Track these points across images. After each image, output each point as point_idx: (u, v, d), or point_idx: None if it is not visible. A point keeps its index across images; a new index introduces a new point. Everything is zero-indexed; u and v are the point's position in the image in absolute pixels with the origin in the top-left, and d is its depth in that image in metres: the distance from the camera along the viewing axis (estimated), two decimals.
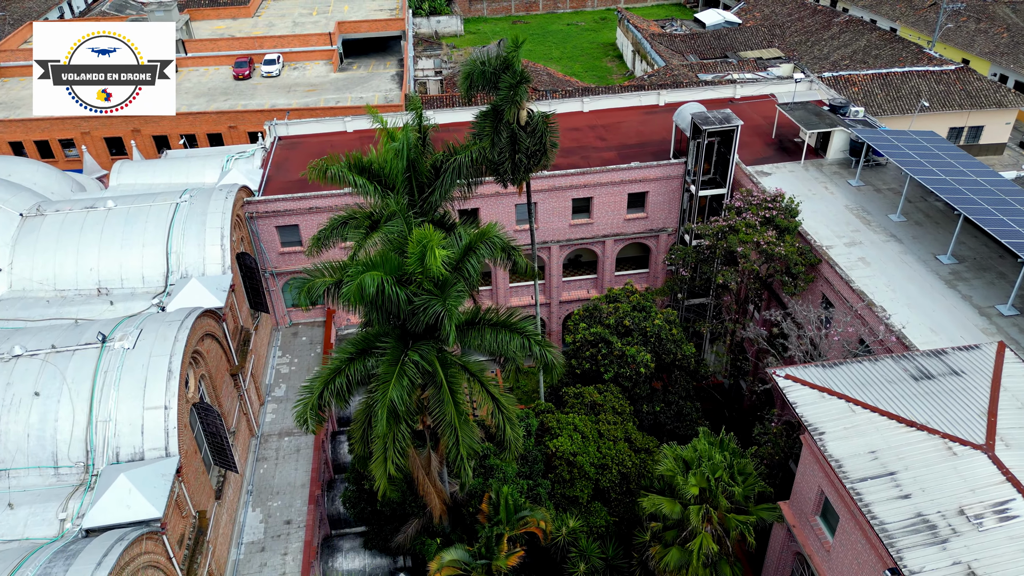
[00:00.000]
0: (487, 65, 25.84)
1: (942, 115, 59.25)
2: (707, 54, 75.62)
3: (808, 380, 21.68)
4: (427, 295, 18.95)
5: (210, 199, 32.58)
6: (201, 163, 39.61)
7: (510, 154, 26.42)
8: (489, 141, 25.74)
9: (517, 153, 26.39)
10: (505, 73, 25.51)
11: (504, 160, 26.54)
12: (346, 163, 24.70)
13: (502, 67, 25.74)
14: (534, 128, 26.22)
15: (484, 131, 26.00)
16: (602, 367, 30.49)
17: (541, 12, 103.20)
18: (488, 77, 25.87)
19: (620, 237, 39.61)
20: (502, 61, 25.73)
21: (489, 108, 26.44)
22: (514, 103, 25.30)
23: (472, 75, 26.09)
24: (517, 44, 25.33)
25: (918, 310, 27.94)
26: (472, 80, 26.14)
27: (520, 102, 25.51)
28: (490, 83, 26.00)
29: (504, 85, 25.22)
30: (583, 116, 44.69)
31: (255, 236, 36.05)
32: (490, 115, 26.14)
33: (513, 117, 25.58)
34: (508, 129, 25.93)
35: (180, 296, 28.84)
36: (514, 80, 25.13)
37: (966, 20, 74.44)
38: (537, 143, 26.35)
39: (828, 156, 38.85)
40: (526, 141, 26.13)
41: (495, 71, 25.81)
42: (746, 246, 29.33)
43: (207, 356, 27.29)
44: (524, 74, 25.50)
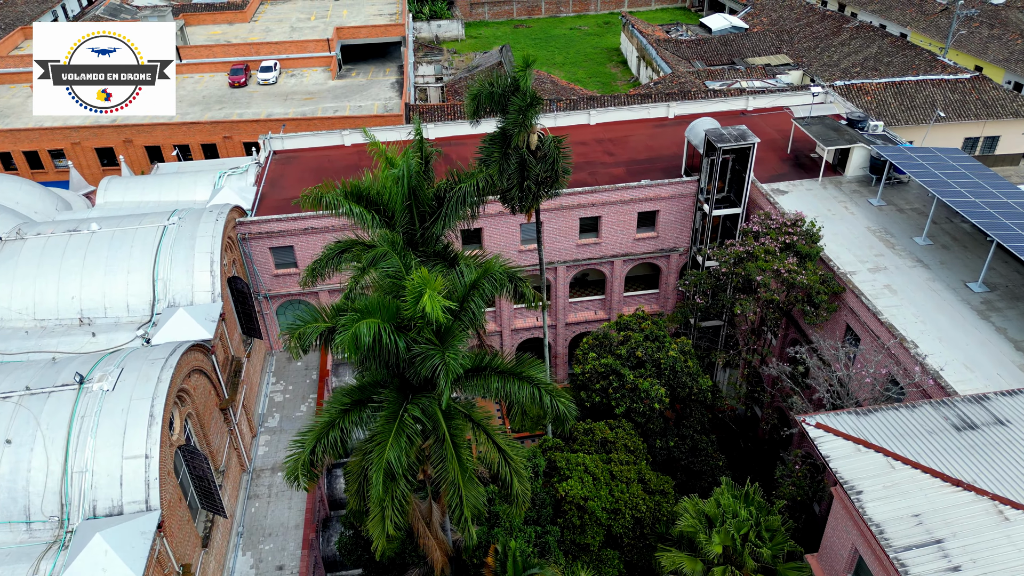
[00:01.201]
0: (495, 86, 24.15)
1: (957, 125, 57.61)
2: (714, 60, 74.00)
3: (841, 430, 20.02)
4: (426, 345, 17.30)
5: (199, 221, 30.94)
6: (192, 179, 37.95)
7: (519, 181, 24.74)
8: (497, 168, 24.06)
9: (527, 180, 24.71)
10: (515, 95, 23.82)
11: (513, 187, 24.87)
12: (342, 190, 23.06)
13: (511, 88, 24.05)
14: (545, 153, 24.53)
15: (492, 157, 24.32)
16: (613, 400, 28.85)
17: (543, 16, 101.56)
18: (496, 99, 24.18)
19: (629, 257, 37.95)
20: (511, 81, 24.04)
21: (497, 132, 24.75)
22: (524, 127, 23.61)
23: (479, 96, 24.41)
24: (527, 63, 23.61)
25: (950, 344, 26.28)
26: (479, 102, 24.45)
27: (531, 126, 23.82)
28: (498, 105, 24.32)
29: (513, 108, 23.53)
30: (590, 129, 43.05)
31: (248, 258, 34.39)
32: (498, 140, 24.44)
33: (523, 142, 23.90)
34: (517, 154, 24.25)
35: (166, 328, 27.19)
36: (524, 103, 23.44)
37: (979, 26, 72.79)
38: (548, 169, 24.66)
39: (847, 173, 37.19)
40: (536, 167, 24.46)
41: (504, 92, 24.11)
42: (765, 274, 27.68)
43: (194, 393, 25.63)
44: (535, 96, 23.82)
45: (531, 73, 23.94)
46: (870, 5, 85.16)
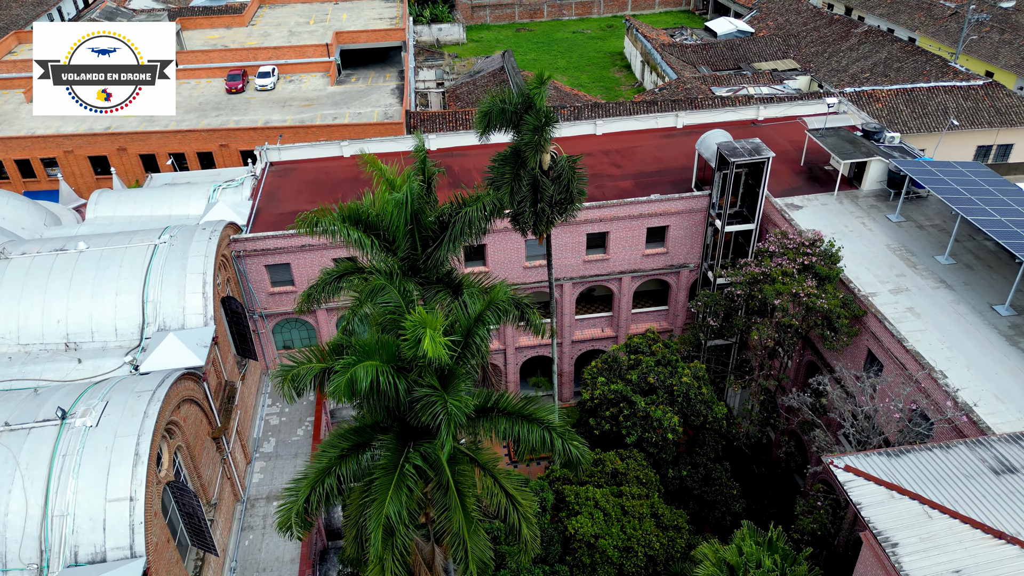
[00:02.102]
0: (507, 103, 22.81)
1: (970, 133, 56.36)
2: (720, 65, 72.72)
3: (873, 474, 18.75)
4: (427, 390, 16.05)
5: (192, 240, 29.66)
6: (186, 193, 36.68)
7: (531, 203, 23.42)
8: (508, 190, 22.74)
9: (540, 202, 23.38)
10: (528, 112, 22.48)
11: (525, 210, 23.55)
12: (339, 214, 21.80)
13: (524, 105, 22.70)
14: (559, 173, 23.18)
15: (503, 178, 22.96)
16: (624, 429, 27.58)
17: (546, 19, 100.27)
18: (508, 116, 22.84)
19: (638, 274, 36.67)
20: (524, 98, 22.70)
21: (508, 152, 23.37)
22: (539, 148, 22.29)
23: (490, 114, 23.06)
24: (542, 79, 22.29)
25: (979, 372, 25.01)
26: (490, 119, 23.12)
27: (545, 146, 22.52)
28: (510, 123, 23.00)
29: (528, 128, 22.17)
30: (596, 140, 41.79)
31: (242, 276, 33.12)
32: (509, 160, 23.09)
33: (536, 163, 22.59)
34: (529, 175, 22.94)
35: (156, 354, 25.92)
36: (538, 121, 22.11)
37: (989, 31, 71.53)
38: (563, 191, 23.32)
39: (864, 187, 35.91)
40: (550, 189, 23.13)
41: (516, 110, 22.77)
42: (783, 298, 26.40)
43: (184, 425, 24.36)
44: (550, 114, 22.50)
45: (545, 90, 22.60)
46: (878, 9, 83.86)
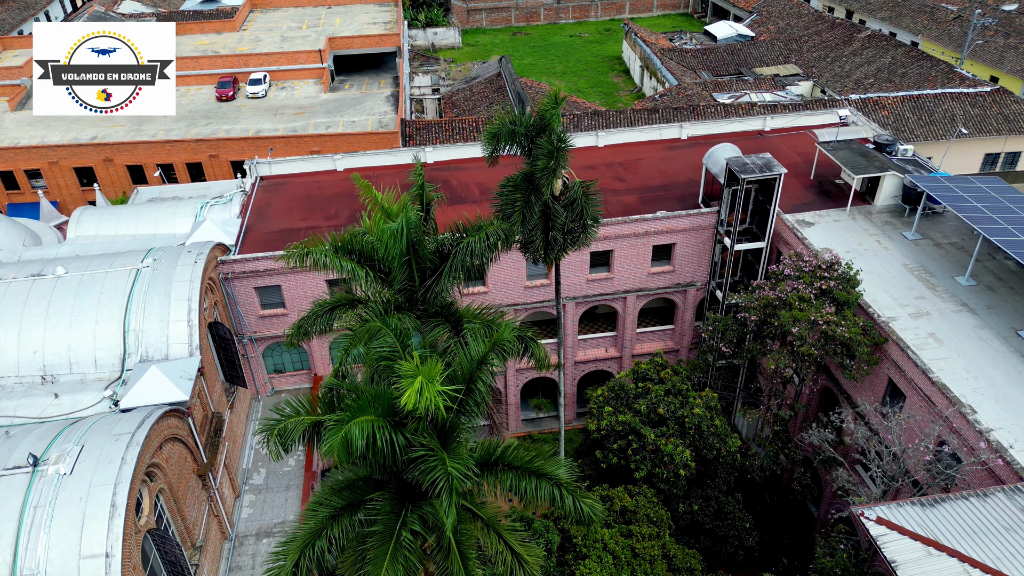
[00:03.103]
0: (518, 124, 21.34)
1: (978, 141, 55.20)
2: (720, 70, 71.48)
3: (907, 527, 17.41)
4: (425, 450, 14.65)
5: (176, 264, 28.19)
6: (172, 210, 35.18)
7: (542, 231, 21.97)
8: (520, 218, 21.28)
9: (552, 231, 21.93)
10: (541, 135, 21.02)
11: (535, 239, 22.10)
12: (331, 244, 20.38)
13: (537, 128, 21.23)
14: (572, 200, 21.73)
15: (513, 206, 21.50)
16: (633, 463, 26.20)
17: (542, 23, 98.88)
18: (518, 139, 21.37)
19: (643, 293, 35.32)
20: (537, 120, 21.23)
21: (519, 177, 21.84)
22: (554, 174, 20.83)
23: (499, 135, 21.58)
24: (557, 100, 20.83)
25: (1007, 405, 23.69)
26: (499, 141, 21.65)
27: (559, 172, 21.07)
28: (520, 146, 21.53)
29: (542, 152, 20.69)
30: (598, 152, 40.41)
31: (231, 299, 31.64)
32: (520, 186, 21.58)
33: (549, 190, 21.16)
34: (541, 202, 21.49)
35: (137, 388, 24.44)
36: (553, 145, 20.66)
37: (994, 35, 70.43)
38: (576, 218, 21.88)
39: (877, 203, 34.60)
40: (562, 216, 21.68)
41: (527, 132, 21.29)
42: (801, 326, 25.05)
43: (166, 466, 22.90)
44: (564, 138, 21.05)
45: (560, 111, 21.11)
46: (879, 12, 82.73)
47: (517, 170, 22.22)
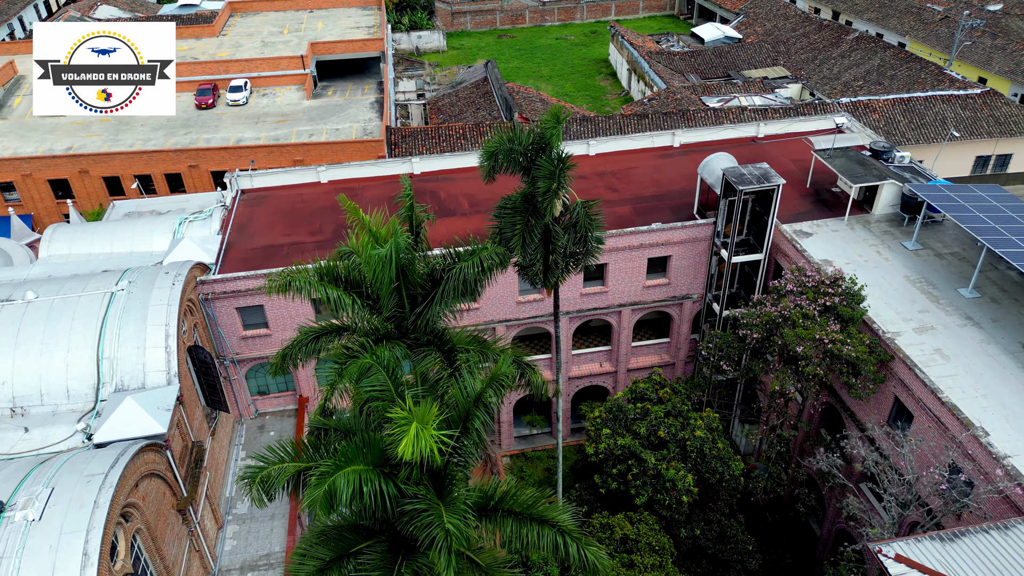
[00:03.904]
0: (516, 143, 20.28)
1: (969, 144, 54.84)
2: (708, 73, 70.83)
3: (927, 564, 16.55)
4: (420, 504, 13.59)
5: (153, 286, 26.91)
6: (148, 226, 33.82)
7: (543, 255, 20.94)
8: (519, 242, 20.26)
9: (552, 254, 20.91)
10: (541, 155, 19.97)
11: (535, 263, 21.08)
12: (315, 271, 19.25)
13: (536, 147, 20.18)
14: (574, 221, 20.71)
15: (513, 229, 20.46)
16: (633, 488, 25.26)
17: (528, 25, 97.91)
18: (517, 159, 20.32)
19: (638, 306, 34.40)
20: (537, 139, 20.18)
21: (517, 199, 20.75)
22: (555, 196, 19.82)
23: (496, 155, 20.51)
24: (558, 118, 19.79)
25: (1018, 424, 22.95)
26: (496, 160, 20.59)
27: (560, 193, 20.05)
28: (518, 166, 20.49)
29: (543, 173, 19.64)
30: (589, 161, 39.43)
31: (211, 320, 30.37)
32: (520, 208, 20.51)
33: (550, 213, 20.15)
34: (541, 224, 20.47)
35: (111, 421, 23.15)
36: (554, 166, 19.63)
37: (981, 35, 70.26)
38: (579, 241, 20.87)
39: (875, 211, 33.89)
40: (563, 239, 20.67)
41: (526, 151, 20.24)
42: (806, 344, 24.20)
43: (144, 504, 21.67)
44: (565, 158, 20.03)
45: (560, 130, 20.04)
46: (866, 13, 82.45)
47: (515, 189, 21.18)
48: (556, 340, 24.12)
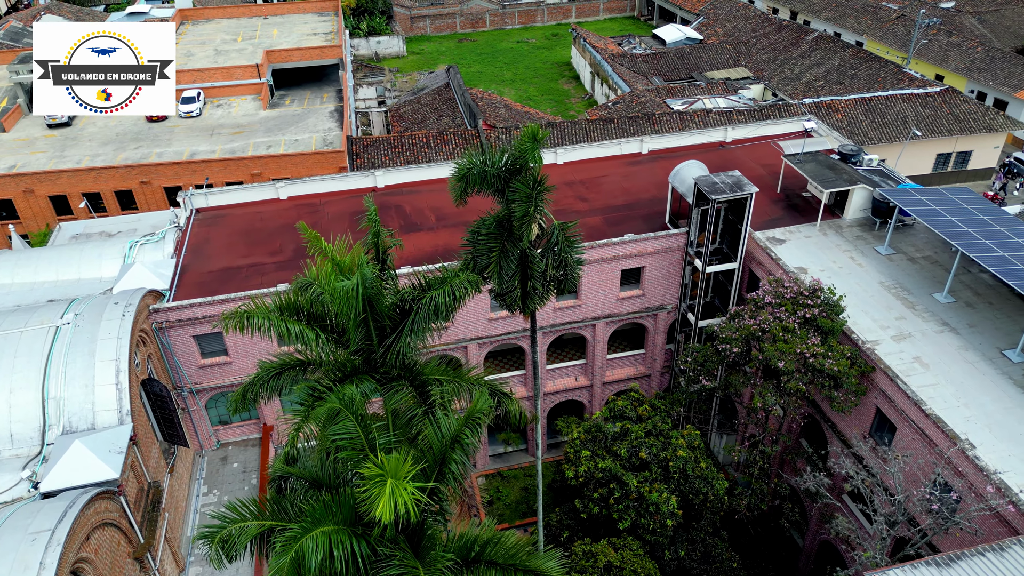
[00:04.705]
0: (489, 164, 19.21)
1: (930, 141, 55.40)
2: (671, 75, 70.62)
3: None
4: (397, 566, 12.52)
5: (102, 318, 25.31)
6: (97, 251, 32.02)
7: (520, 281, 19.92)
8: (495, 270, 19.20)
9: (531, 280, 19.91)
10: (516, 177, 18.93)
11: (513, 290, 20.06)
12: (275, 305, 18.01)
13: (511, 168, 19.13)
14: (552, 244, 19.71)
15: (489, 256, 19.38)
16: (616, 513, 24.43)
17: (488, 28, 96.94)
18: (490, 180, 19.24)
19: (613, 319, 33.65)
20: (512, 160, 19.13)
21: (491, 223, 19.65)
22: (533, 221, 18.79)
23: (468, 177, 19.41)
24: (535, 137, 18.76)
25: (1002, 434, 22.67)
26: (468, 182, 19.49)
27: (537, 217, 19.02)
28: (492, 187, 19.42)
29: (519, 197, 18.59)
30: (557, 170, 38.59)
31: (166, 350, 28.78)
32: (494, 234, 19.41)
33: (527, 237, 19.13)
34: (517, 248, 19.45)
35: (59, 467, 21.59)
36: (531, 189, 18.60)
37: (936, 33, 71.28)
38: (558, 265, 19.89)
39: (847, 216, 33.63)
40: (541, 265, 19.68)
41: (500, 173, 19.17)
42: (787, 359, 23.63)
43: (96, 557, 20.16)
44: (542, 180, 19.01)
45: (538, 151, 18.97)
46: (824, 12, 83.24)
47: (487, 205, 20.12)
48: (534, 367, 23.16)
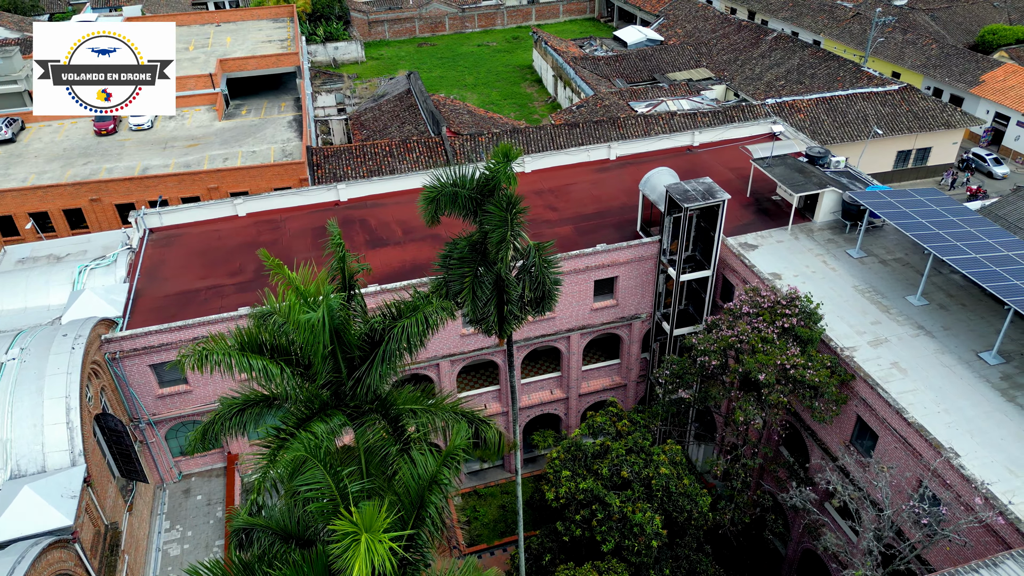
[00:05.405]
0: (460, 186, 18.31)
1: (891, 139, 56.04)
2: (634, 77, 70.48)
3: None
4: None
5: (50, 352, 23.80)
6: (44, 278, 30.32)
7: (496, 305, 19.08)
8: (469, 296, 18.35)
9: (507, 304, 19.07)
10: (490, 199, 18.06)
11: (489, 315, 19.22)
12: (235, 340, 16.89)
13: (483, 190, 18.25)
14: (529, 267, 18.91)
15: (462, 281, 18.50)
16: (599, 535, 23.73)
17: (448, 32, 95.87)
18: (461, 202, 18.36)
19: (587, 330, 33.01)
20: (484, 181, 18.26)
21: (464, 246, 18.75)
22: (508, 245, 17.95)
23: (438, 200, 18.50)
24: (508, 156, 17.91)
25: (983, 440, 22.54)
26: (438, 205, 18.58)
27: (513, 239, 18.18)
28: (464, 210, 18.55)
29: (493, 220, 17.72)
30: (526, 178, 37.82)
31: (121, 380, 27.30)
32: (467, 258, 18.52)
33: (505, 262, 18.28)
34: (494, 275, 18.60)
35: (7, 516, 20.14)
36: (505, 212, 17.77)
37: (892, 31, 72.31)
38: (535, 287, 19.09)
39: (817, 219, 33.50)
40: (518, 288, 18.87)
41: (473, 195, 18.29)
42: (768, 371, 23.20)
43: None
44: (516, 201, 18.16)
45: (511, 170, 18.09)
46: (781, 12, 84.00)
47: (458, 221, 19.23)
48: (512, 391, 22.31)
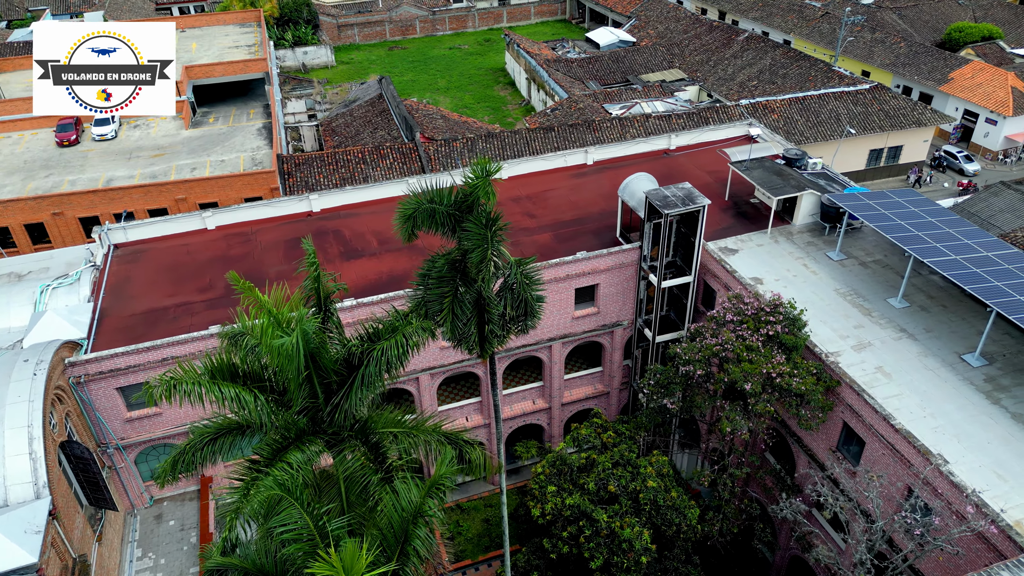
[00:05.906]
0: (438, 203, 17.68)
1: (863, 138, 56.43)
2: (608, 79, 70.27)
3: None
4: None
5: (10, 379, 22.71)
6: (3, 298, 29.09)
7: (477, 325, 18.49)
8: (449, 316, 17.73)
9: (488, 323, 18.50)
10: (468, 216, 17.45)
11: (470, 335, 18.62)
12: (206, 369, 16.08)
13: (461, 206, 17.64)
14: (510, 284, 18.34)
15: (441, 301, 17.87)
16: (587, 551, 23.22)
17: (419, 35, 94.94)
18: (439, 219, 17.73)
19: (569, 338, 32.52)
20: (462, 197, 17.65)
21: (443, 265, 18.10)
22: (489, 263, 17.36)
23: (415, 216, 17.84)
24: (487, 171, 17.31)
25: (970, 443, 22.43)
26: (415, 222, 17.93)
27: (492, 256, 17.59)
28: (442, 227, 17.93)
29: (472, 238, 17.12)
30: (502, 186, 37.21)
31: (87, 405, 26.21)
32: (446, 277, 17.90)
33: (485, 280, 17.70)
34: (474, 293, 18.00)
35: None
36: (484, 229, 17.18)
37: (861, 30, 72.95)
38: (517, 305, 18.53)
39: (796, 222, 33.36)
40: (499, 307, 18.30)
41: (451, 211, 17.67)
42: (754, 380, 22.87)
43: None
44: (496, 217, 17.57)
45: (490, 186, 17.47)
46: (751, 12, 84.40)
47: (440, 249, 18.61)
48: (496, 408, 21.72)
